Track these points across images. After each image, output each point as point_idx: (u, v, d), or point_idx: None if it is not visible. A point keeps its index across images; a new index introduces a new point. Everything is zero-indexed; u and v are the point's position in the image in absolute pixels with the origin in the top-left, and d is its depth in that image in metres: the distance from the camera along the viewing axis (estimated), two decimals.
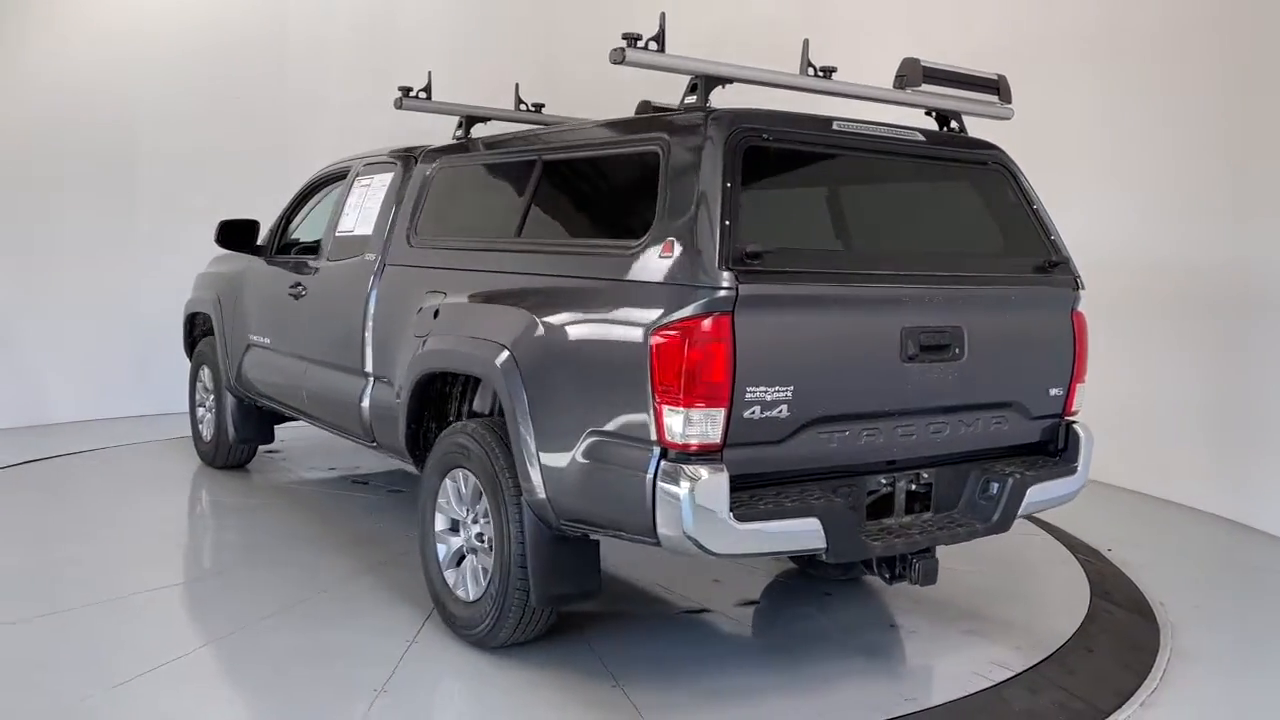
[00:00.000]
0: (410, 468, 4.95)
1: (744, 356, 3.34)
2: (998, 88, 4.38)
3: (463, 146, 5.06)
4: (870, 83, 4.15)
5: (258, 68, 9.15)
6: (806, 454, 3.58)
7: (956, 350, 3.84)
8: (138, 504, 6.48)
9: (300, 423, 6.66)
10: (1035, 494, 4.06)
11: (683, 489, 3.29)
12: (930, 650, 4.48)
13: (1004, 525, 4.02)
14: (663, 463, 3.36)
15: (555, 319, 3.81)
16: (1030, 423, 4.21)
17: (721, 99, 3.83)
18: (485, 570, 4.15)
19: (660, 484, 3.35)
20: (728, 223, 3.37)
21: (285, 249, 6.42)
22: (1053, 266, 4.20)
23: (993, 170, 4.25)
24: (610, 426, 3.56)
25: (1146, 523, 6.60)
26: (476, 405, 4.65)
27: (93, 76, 8.46)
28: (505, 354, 3.92)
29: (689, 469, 3.31)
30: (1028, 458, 4.25)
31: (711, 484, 3.29)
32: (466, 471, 4.24)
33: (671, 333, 3.34)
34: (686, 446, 3.34)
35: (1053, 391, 4.23)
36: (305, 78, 9.35)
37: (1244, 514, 6.45)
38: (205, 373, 7.18)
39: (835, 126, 3.83)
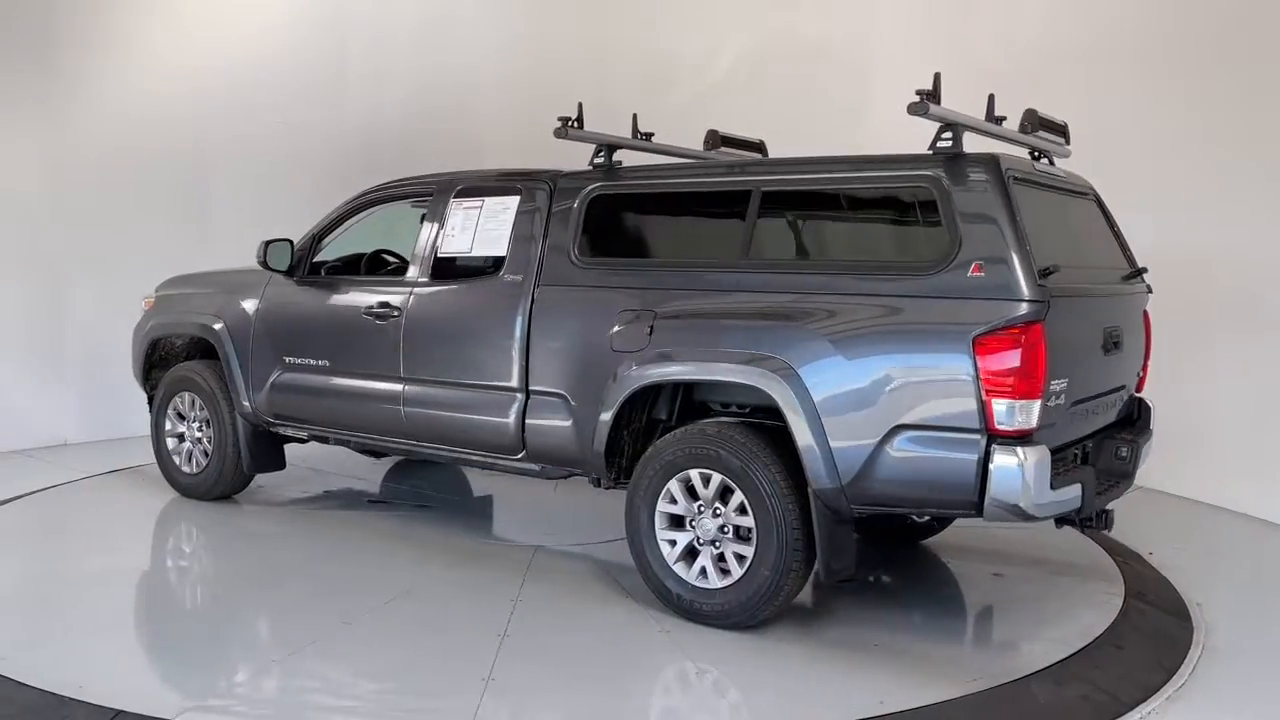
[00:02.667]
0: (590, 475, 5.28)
1: (1050, 354, 4.13)
2: (1064, 131, 5.44)
3: (626, 172, 5.37)
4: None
5: (318, 96, 9.83)
6: (1058, 433, 4.43)
7: (1120, 343, 4.85)
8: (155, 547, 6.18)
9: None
10: (1144, 453, 5.16)
11: (1018, 466, 4.03)
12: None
13: (1133, 480, 5.08)
14: (993, 446, 4.08)
15: (843, 331, 4.37)
16: (1126, 399, 5.31)
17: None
18: (739, 557, 4.62)
19: (994, 464, 4.06)
20: (1027, 246, 4.14)
21: (315, 269, 6.35)
22: (1135, 275, 5.32)
23: (1091, 198, 5.31)
24: (921, 419, 4.20)
25: (1189, 526, 6.75)
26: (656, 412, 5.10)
27: (169, 108, 8.98)
28: (782, 364, 4.43)
29: (1021, 450, 4.05)
30: (1122, 427, 5.34)
31: (1041, 461, 4.07)
32: (707, 471, 4.68)
33: (999, 338, 4.06)
34: (1010, 432, 4.08)
35: (1138, 372, 5.37)
36: (363, 105, 10.06)
37: None
38: (185, 399, 6.78)
39: (1037, 166, 4.70)
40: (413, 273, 5.81)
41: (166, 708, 3.83)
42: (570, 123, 5.32)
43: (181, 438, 6.86)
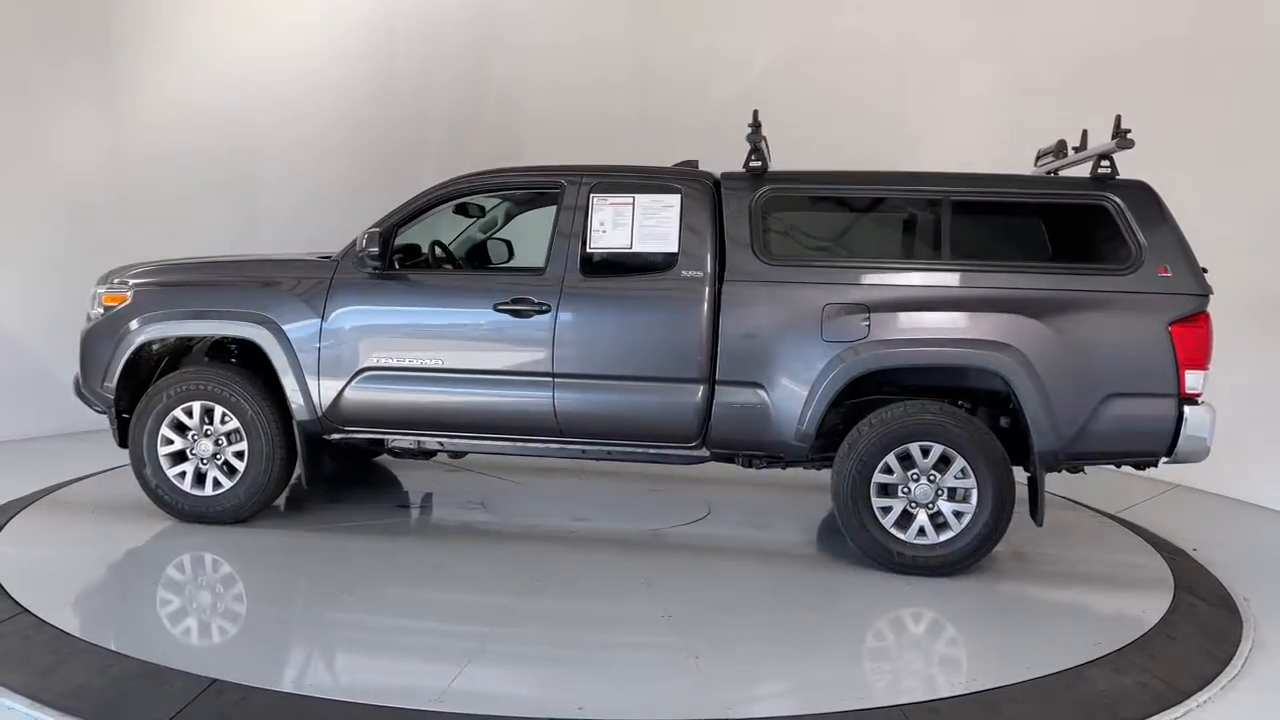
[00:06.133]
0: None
1: None
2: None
3: (797, 176, 5.78)
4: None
5: (368, 94, 10.17)
6: None
7: None
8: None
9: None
10: None
11: (1208, 421, 5.33)
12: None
13: None
14: (1185, 407, 5.32)
15: (1064, 320, 5.32)
16: None
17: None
18: (959, 515, 5.43)
19: (1188, 420, 5.31)
20: (1192, 253, 5.43)
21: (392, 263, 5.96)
22: None
23: None
24: (1129, 388, 5.33)
25: (1232, 525, 6.91)
26: None
27: (223, 106, 9.30)
28: (1012, 348, 5.31)
29: (1204, 409, 5.34)
30: None
31: (1214, 417, 5.38)
32: (927, 443, 5.42)
33: (1189, 324, 5.31)
34: (1194, 395, 5.36)
35: None
36: (410, 103, 10.35)
37: None
38: (195, 410, 5.89)
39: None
40: (556, 267, 5.72)
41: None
42: (756, 129, 5.65)
43: (180, 456, 5.96)
